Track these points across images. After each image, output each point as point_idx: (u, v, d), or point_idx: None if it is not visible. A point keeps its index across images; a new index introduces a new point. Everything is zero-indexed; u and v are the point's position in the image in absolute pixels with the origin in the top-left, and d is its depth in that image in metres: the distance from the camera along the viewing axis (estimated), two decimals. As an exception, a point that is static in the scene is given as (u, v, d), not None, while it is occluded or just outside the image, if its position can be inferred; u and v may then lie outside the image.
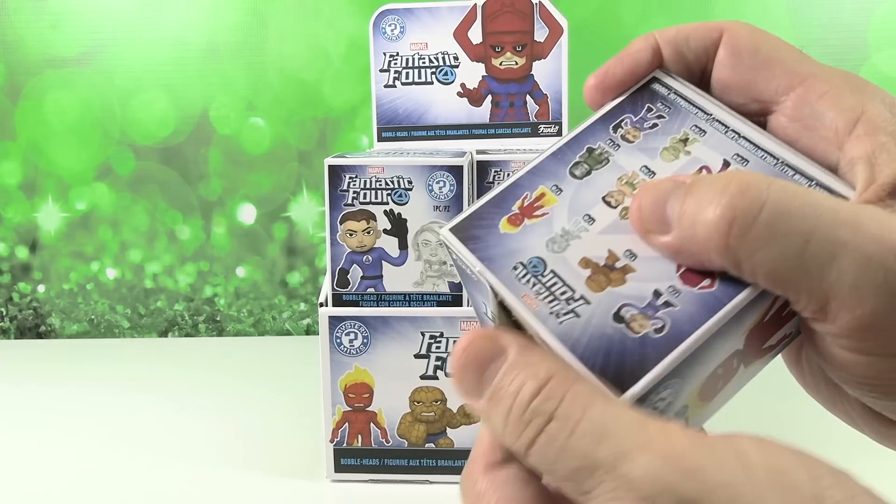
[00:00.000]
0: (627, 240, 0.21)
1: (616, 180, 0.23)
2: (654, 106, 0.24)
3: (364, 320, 0.47)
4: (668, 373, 0.19)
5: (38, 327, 0.86)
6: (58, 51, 0.80)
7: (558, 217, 0.22)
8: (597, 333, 0.19)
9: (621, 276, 0.21)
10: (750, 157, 0.22)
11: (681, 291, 0.20)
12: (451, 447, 0.48)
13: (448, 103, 0.56)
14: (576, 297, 0.20)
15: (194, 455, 0.54)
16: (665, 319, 0.19)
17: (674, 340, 0.19)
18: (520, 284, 0.21)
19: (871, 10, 0.76)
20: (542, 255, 0.21)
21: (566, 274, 0.21)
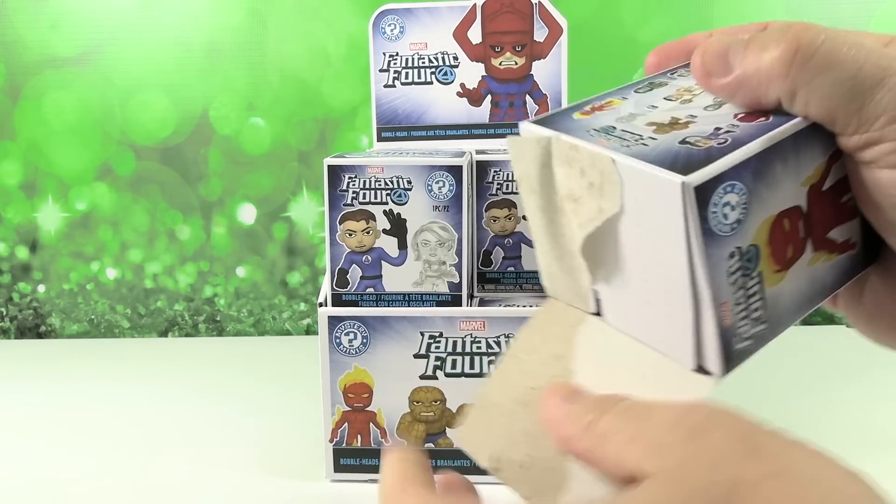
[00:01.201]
0: (688, 110, 0.24)
1: (675, 91, 0.26)
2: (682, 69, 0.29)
3: (363, 320, 0.47)
4: (731, 167, 0.20)
5: (38, 327, 0.86)
6: (58, 51, 0.80)
7: (625, 108, 0.25)
8: (664, 150, 0.22)
9: (685, 126, 0.23)
10: None
11: (739, 125, 0.22)
12: (450, 447, 0.48)
13: (448, 103, 0.56)
14: (644, 138, 0.23)
15: (194, 455, 0.54)
16: (727, 138, 0.22)
17: (736, 145, 0.21)
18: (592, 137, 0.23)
19: (871, 10, 0.76)
20: (612, 123, 0.24)
21: (634, 129, 0.23)
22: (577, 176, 0.23)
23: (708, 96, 0.25)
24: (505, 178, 0.49)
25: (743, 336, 0.22)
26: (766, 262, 0.22)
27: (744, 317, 0.22)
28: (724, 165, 0.20)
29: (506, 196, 0.50)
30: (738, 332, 0.22)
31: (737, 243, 0.21)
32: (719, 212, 0.20)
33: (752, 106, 0.23)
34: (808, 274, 0.23)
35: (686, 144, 0.22)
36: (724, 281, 0.21)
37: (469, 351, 0.46)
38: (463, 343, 0.46)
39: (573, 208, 0.23)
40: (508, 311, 0.46)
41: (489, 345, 0.46)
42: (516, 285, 0.51)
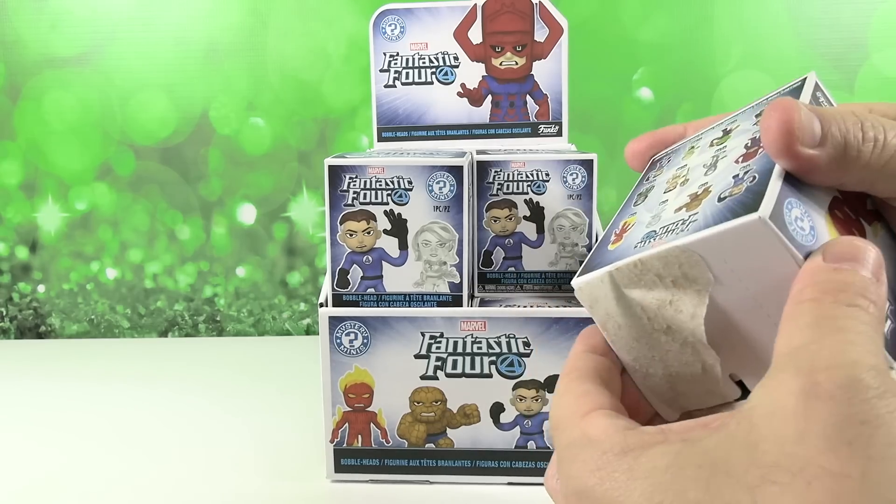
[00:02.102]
0: (696, 183, 0.25)
1: (666, 183, 0.28)
2: (654, 166, 0.32)
3: (364, 320, 0.47)
4: (779, 190, 0.21)
5: (38, 327, 0.86)
6: (58, 51, 0.80)
7: (643, 217, 0.27)
8: (714, 213, 0.22)
9: (706, 192, 0.24)
10: None
11: (749, 164, 0.24)
12: (451, 447, 0.48)
13: (448, 103, 0.56)
14: (687, 220, 0.23)
15: (194, 455, 0.54)
16: (753, 174, 0.23)
17: (763, 175, 0.22)
18: (644, 248, 0.24)
19: (871, 10, 0.76)
20: (647, 231, 0.25)
21: (671, 220, 0.24)
22: (656, 285, 0.24)
23: (699, 169, 0.27)
24: (505, 179, 0.49)
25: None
26: None
27: None
28: (774, 189, 0.21)
29: (506, 196, 0.50)
30: None
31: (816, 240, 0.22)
32: (796, 227, 0.21)
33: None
34: (882, 241, 0.24)
35: (725, 200, 0.23)
36: None
37: (470, 351, 0.46)
38: (464, 343, 0.46)
39: (672, 313, 0.23)
40: (509, 311, 0.46)
41: (490, 345, 0.46)
42: (517, 285, 0.51)
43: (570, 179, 0.49)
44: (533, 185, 0.49)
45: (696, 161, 0.28)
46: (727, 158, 0.26)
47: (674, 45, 0.77)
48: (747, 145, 0.25)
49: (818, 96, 0.26)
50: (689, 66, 0.77)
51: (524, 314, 0.46)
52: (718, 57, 0.77)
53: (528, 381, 0.47)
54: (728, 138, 0.28)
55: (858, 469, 0.16)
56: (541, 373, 0.46)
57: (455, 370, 0.47)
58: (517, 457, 0.48)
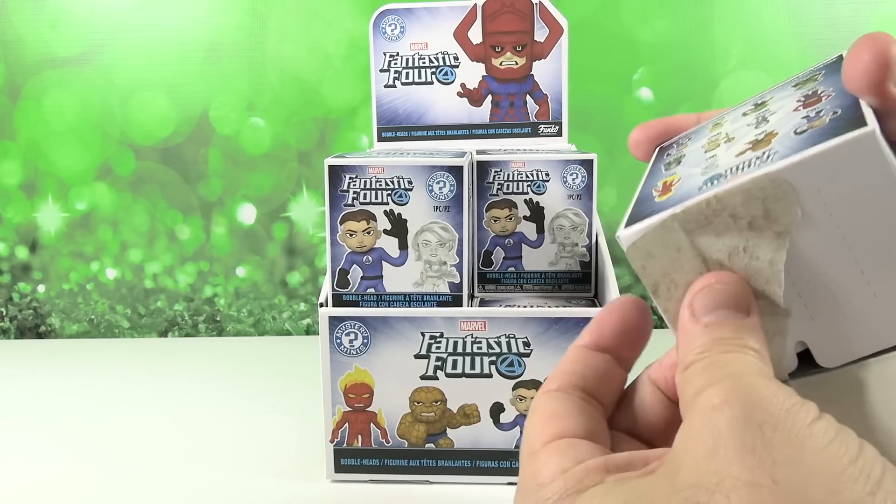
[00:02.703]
0: (752, 135, 0.23)
1: (703, 147, 0.25)
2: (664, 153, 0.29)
3: (364, 320, 0.47)
4: (867, 112, 0.19)
5: (38, 327, 0.86)
6: (58, 51, 0.80)
7: (690, 171, 0.24)
8: (800, 142, 0.20)
9: (772, 135, 0.22)
10: None
11: (815, 106, 0.22)
12: (450, 447, 0.48)
13: (448, 103, 0.56)
14: (762, 156, 0.21)
15: (194, 455, 0.54)
16: (832, 110, 0.21)
17: (851, 104, 0.20)
18: (710, 187, 0.21)
19: (871, 10, 0.76)
20: (708, 176, 0.22)
21: (740, 162, 0.22)
22: (729, 228, 0.21)
23: (743, 129, 0.24)
24: (505, 179, 0.49)
25: None
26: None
27: None
28: (870, 112, 0.20)
29: (506, 196, 0.50)
30: None
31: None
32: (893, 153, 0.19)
33: None
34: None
35: (805, 132, 0.20)
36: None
37: (470, 351, 0.46)
38: (464, 343, 0.46)
39: (746, 261, 0.21)
40: (509, 311, 0.46)
41: (490, 345, 0.46)
42: (517, 285, 0.51)
43: (570, 179, 0.49)
44: (533, 185, 0.49)
45: (734, 126, 0.25)
46: (780, 112, 0.23)
47: (674, 45, 0.77)
48: (801, 99, 0.23)
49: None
50: (689, 66, 0.77)
51: (524, 314, 0.46)
52: (718, 57, 0.77)
53: (528, 381, 0.47)
54: (765, 106, 0.25)
55: (768, 476, 0.17)
56: (541, 373, 0.46)
57: (455, 370, 0.47)
58: (517, 457, 0.48)
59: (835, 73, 0.24)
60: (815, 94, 0.23)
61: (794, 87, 0.26)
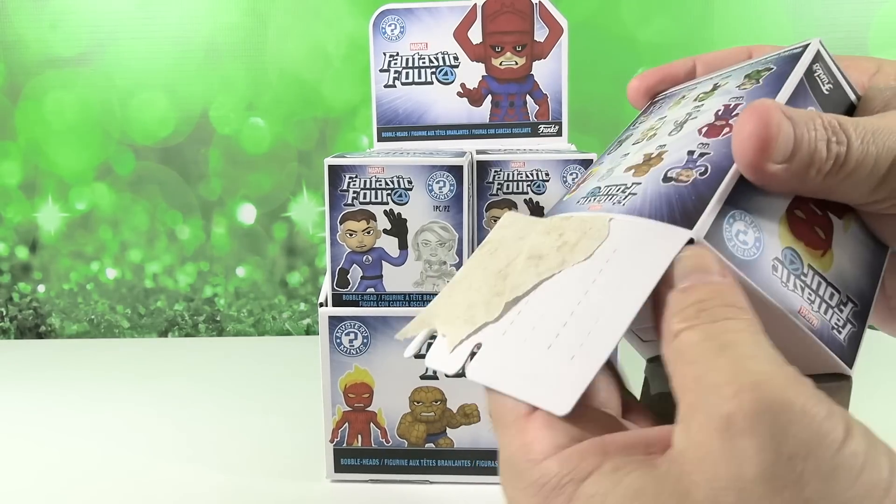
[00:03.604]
0: (656, 143, 0.25)
1: (640, 134, 0.27)
2: (652, 107, 0.31)
3: (364, 320, 0.47)
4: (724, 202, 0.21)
5: (38, 327, 0.86)
6: (58, 51, 0.80)
7: (602, 169, 0.27)
8: (654, 197, 0.22)
9: (659, 158, 0.24)
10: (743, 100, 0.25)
11: (709, 142, 0.23)
12: (450, 447, 0.48)
13: (448, 103, 0.56)
14: (629, 187, 0.23)
15: (194, 455, 0.54)
16: (705, 164, 0.22)
17: (716, 171, 0.21)
18: (584, 205, 0.24)
19: (872, 10, 0.76)
20: (595, 185, 0.25)
21: (617, 182, 0.24)
22: (552, 240, 0.23)
23: (669, 125, 0.26)
24: (505, 179, 0.49)
25: (840, 325, 0.22)
26: (807, 253, 0.22)
27: (826, 308, 0.22)
28: (717, 203, 0.20)
29: (506, 196, 0.50)
30: (833, 325, 0.22)
31: (771, 256, 0.21)
32: (738, 241, 0.21)
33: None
34: (853, 238, 0.24)
35: (671, 182, 0.22)
36: (785, 292, 0.21)
37: (469, 351, 0.46)
38: (463, 343, 0.46)
39: (534, 263, 0.23)
40: (509, 311, 0.46)
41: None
42: (517, 285, 0.51)
43: (570, 179, 0.49)
44: (533, 185, 0.49)
45: (674, 114, 0.27)
46: (695, 121, 0.25)
47: (674, 45, 0.77)
48: (718, 113, 0.24)
49: (815, 69, 0.25)
50: (689, 66, 0.77)
51: (524, 314, 0.46)
52: (718, 57, 0.76)
53: (527, 381, 0.47)
54: (711, 95, 0.27)
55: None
56: (541, 373, 0.46)
57: (455, 370, 0.47)
58: (517, 457, 0.48)
59: (780, 74, 0.25)
60: (732, 110, 0.24)
61: (745, 76, 0.26)
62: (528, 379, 0.20)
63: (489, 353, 0.21)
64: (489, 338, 0.22)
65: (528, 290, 0.22)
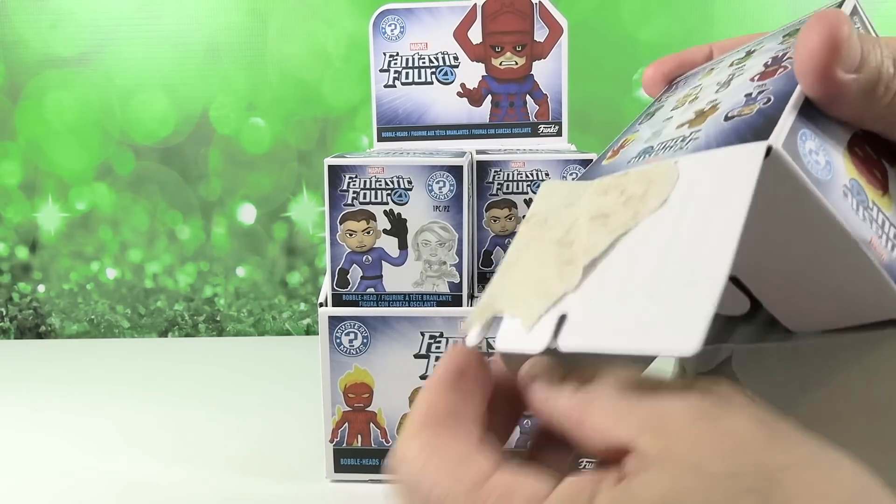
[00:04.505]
0: (703, 101, 0.24)
1: (676, 101, 0.26)
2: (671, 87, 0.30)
3: (364, 320, 0.47)
4: (794, 120, 0.19)
5: (38, 327, 0.86)
6: (58, 51, 0.80)
7: (643, 135, 0.25)
8: (718, 133, 0.21)
9: (713, 109, 0.22)
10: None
11: (765, 83, 0.22)
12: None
13: (448, 103, 0.56)
14: (688, 136, 0.22)
15: (194, 455, 0.53)
16: (767, 96, 0.21)
17: (779, 98, 0.20)
18: (638, 163, 0.23)
19: (872, 10, 0.76)
20: (646, 146, 0.24)
21: (673, 136, 0.23)
22: (615, 197, 0.22)
23: (711, 87, 0.25)
24: (505, 179, 0.49)
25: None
26: (870, 189, 0.21)
27: (892, 246, 0.21)
28: (790, 114, 0.19)
29: (506, 196, 0.50)
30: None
31: (841, 182, 0.20)
32: (811, 160, 0.19)
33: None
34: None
35: (732, 119, 0.21)
36: (857, 221, 0.20)
37: (469, 351, 0.46)
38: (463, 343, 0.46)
39: (601, 223, 0.21)
40: (509, 311, 0.46)
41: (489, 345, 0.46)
42: (517, 285, 0.51)
43: (571, 179, 0.49)
44: (533, 184, 0.49)
45: (711, 80, 0.26)
46: (743, 76, 0.24)
47: (674, 45, 0.77)
48: (767, 63, 0.23)
49: (854, 21, 0.24)
50: (689, 66, 0.77)
51: (524, 314, 0.46)
52: (718, 57, 0.77)
53: (527, 381, 0.47)
54: (749, 58, 0.25)
55: None
56: (541, 373, 0.46)
57: (455, 370, 0.47)
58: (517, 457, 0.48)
59: None
60: (782, 58, 0.23)
61: (784, 35, 0.26)
62: (637, 330, 0.18)
63: (580, 320, 0.19)
64: (574, 306, 0.20)
65: (605, 249, 0.20)
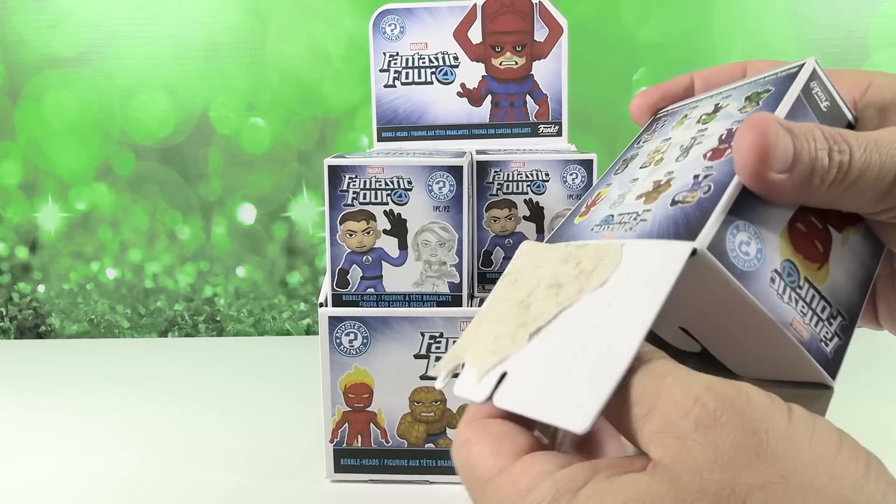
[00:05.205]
0: (664, 170, 0.25)
1: (646, 157, 0.28)
2: (655, 124, 0.32)
3: (364, 320, 0.47)
4: (726, 213, 0.21)
5: (38, 327, 0.86)
6: (58, 51, 0.80)
7: (612, 193, 0.28)
8: (662, 220, 0.23)
9: (667, 185, 0.24)
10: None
11: (713, 164, 0.23)
12: (450, 447, 0.48)
13: (448, 103, 0.56)
14: (640, 214, 0.24)
15: (194, 455, 0.54)
16: (709, 184, 0.22)
17: (719, 188, 0.22)
18: (598, 232, 0.25)
19: (872, 10, 0.76)
20: (608, 213, 0.26)
21: (629, 210, 0.25)
22: (570, 269, 0.24)
23: (675, 149, 0.27)
24: (505, 179, 0.49)
25: (828, 338, 0.23)
26: (805, 266, 0.23)
27: (816, 322, 0.23)
28: (720, 213, 0.21)
29: (506, 196, 0.50)
30: (821, 338, 0.23)
31: (771, 267, 0.22)
32: (739, 252, 0.21)
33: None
34: (849, 252, 0.24)
35: (677, 204, 0.23)
36: (780, 304, 0.22)
37: (469, 351, 0.46)
38: (463, 343, 0.46)
39: (553, 292, 0.24)
40: (509, 311, 0.46)
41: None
42: (517, 285, 0.51)
43: (570, 179, 0.49)
44: (533, 185, 0.49)
45: (679, 137, 0.28)
46: (701, 146, 0.25)
47: (674, 45, 0.77)
48: (721, 137, 0.25)
49: (812, 87, 0.26)
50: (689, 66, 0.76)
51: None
52: (718, 57, 0.76)
53: (527, 381, 0.47)
54: (713, 118, 0.27)
55: (778, 474, 0.17)
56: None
57: (455, 370, 0.47)
58: (517, 457, 0.48)
59: (778, 94, 0.25)
60: (728, 138, 0.25)
61: (745, 98, 0.27)
62: (549, 401, 0.21)
63: (514, 381, 0.22)
64: (514, 366, 0.23)
65: (550, 318, 0.23)
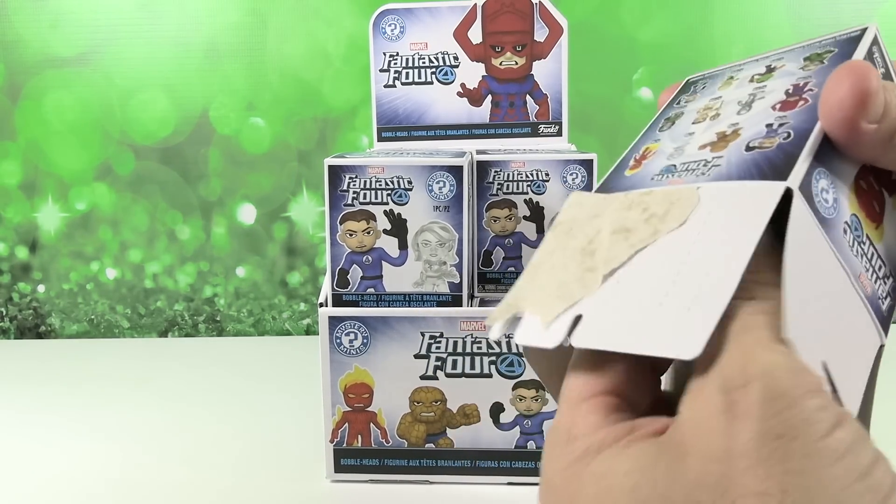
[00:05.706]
0: (726, 122, 0.25)
1: (696, 114, 0.27)
2: (691, 87, 0.31)
3: (364, 320, 0.47)
4: (812, 157, 0.21)
5: (38, 327, 0.86)
6: (58, 51, 0.80)
7: (665, 147, 0.27)
8: (739, 164, 0.22)
9: (735, 135, 0.24)
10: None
11: (786, 114, 0.23)
12: (450, 447, 0.48)
13: (448, 103, 0.56)
14: (710, 161, 0.23)
15: (194, 455, 0.54)
16: (787, 130, 0.22)
17: (799, 134, 0.21)
18: (661, 181, 0.24)
19: (871, 10, 0.76)
20: (666, 164, 0.25)
21: (695, 158, 0.24)
22: (637, 214, 0.23)
23: (732, 105, 0.26)
24: (505, 179, 0.49)
25: (883, 296, 0.23)
26: (866, 223, 0.23)
27: (876, 279, 0.23)
28: (808, 155, 0.21)
29: (506, 196, 0.50)
30: (879, 295, 0.23)
31: (843, 219, 0.22)
32: (821, 199, 0.21)
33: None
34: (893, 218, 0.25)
35: (753, 150, 0.22)
36: (851, 256, 0.22)
37: (469, 351, 0.46)
38: (463, 343, 0.46)
39: (622, 237, 0.23)
40: (509, 311, 0.46)
41: (490, 345, 0.46)
42: (517, 285, 0.51)
43: (570, 179, 0.49)
44: (533, 185, 0.49)
45: (732, 95, 0.27)
46: (764, 101, 0.25)
47: (674, 45, 0.77)
48: (788, 91, 0.24)
49: (873, 51, 0.25)
50: (689, 66, 0.77)
51: (524, 314, 0.46)
52: (718, 57, 0.77)
53: (527, 381, 0.47)
54: (770, 77, 0.27)
55: (777, 486, 0.16)
56: (541, 373, 0.46)
57: (455, 370, 0.47)
58: (517, 457, 0.48)
59: (843, 55, 0.25)
60: (803, 87, 0.24)
61: (804, 58, 0.26)
62: (644, 334, 0.20)
63: (594, 321, 0.21)
64: (590, 308, 0.22)
65: (624, 261, 0.22)
